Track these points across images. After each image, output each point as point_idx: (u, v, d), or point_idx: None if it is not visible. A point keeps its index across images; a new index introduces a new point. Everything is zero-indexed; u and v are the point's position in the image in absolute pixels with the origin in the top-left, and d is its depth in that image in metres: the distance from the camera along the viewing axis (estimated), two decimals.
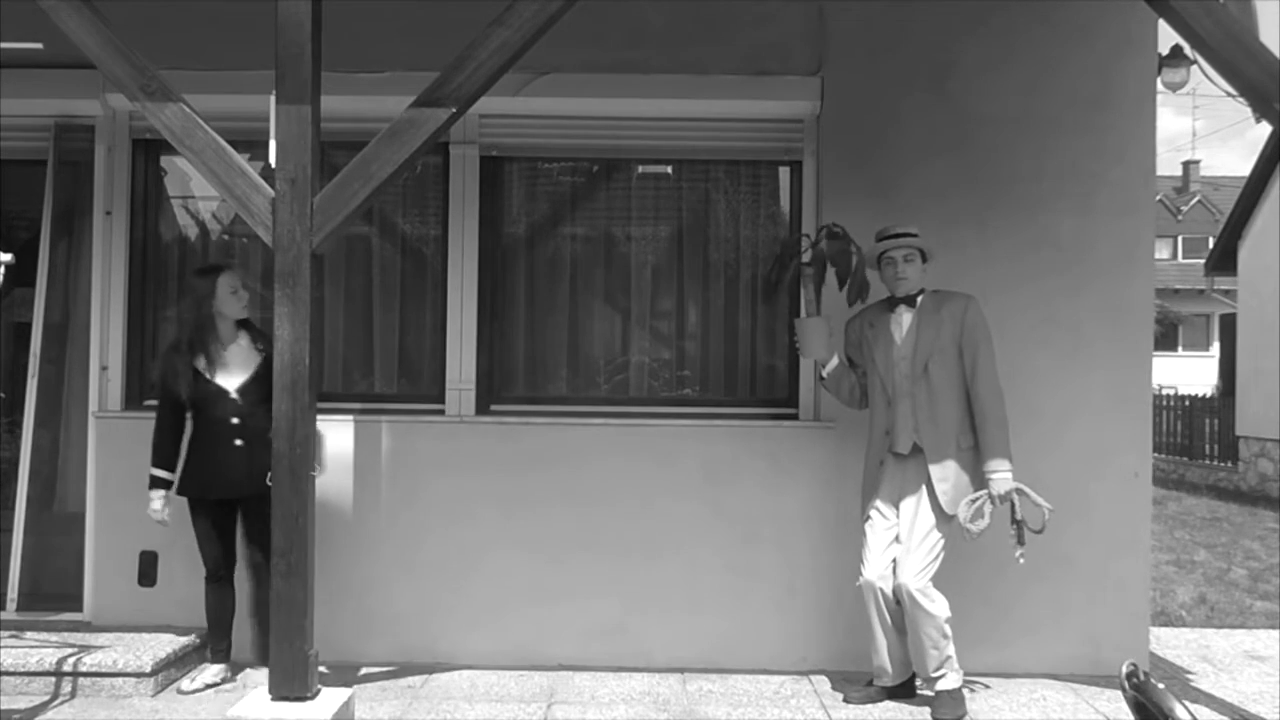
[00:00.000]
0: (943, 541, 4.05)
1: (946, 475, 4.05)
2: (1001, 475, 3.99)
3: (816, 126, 4.88)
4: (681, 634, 4.45)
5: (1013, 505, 4.02)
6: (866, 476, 4.26)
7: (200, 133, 3.51)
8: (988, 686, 4.49)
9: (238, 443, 4.25)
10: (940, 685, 4.08)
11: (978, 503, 4.02)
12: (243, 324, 4.40)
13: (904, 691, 4.26)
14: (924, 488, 4.07)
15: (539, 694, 4.36)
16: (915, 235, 4.16)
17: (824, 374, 4.33)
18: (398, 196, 5.13)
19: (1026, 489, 4.01)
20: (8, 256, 3.76)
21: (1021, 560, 4.01)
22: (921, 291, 4.18)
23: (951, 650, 4.06)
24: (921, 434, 4.08)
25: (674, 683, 4.35)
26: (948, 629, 4.03)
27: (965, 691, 4.16)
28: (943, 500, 4.03)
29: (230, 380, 4.29)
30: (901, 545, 4.09)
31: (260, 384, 4.19)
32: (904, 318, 4.17)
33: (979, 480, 4.07)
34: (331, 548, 4.33)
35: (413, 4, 4.70)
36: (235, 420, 4.26)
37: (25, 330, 4.97)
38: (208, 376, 4.27)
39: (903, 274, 4.13)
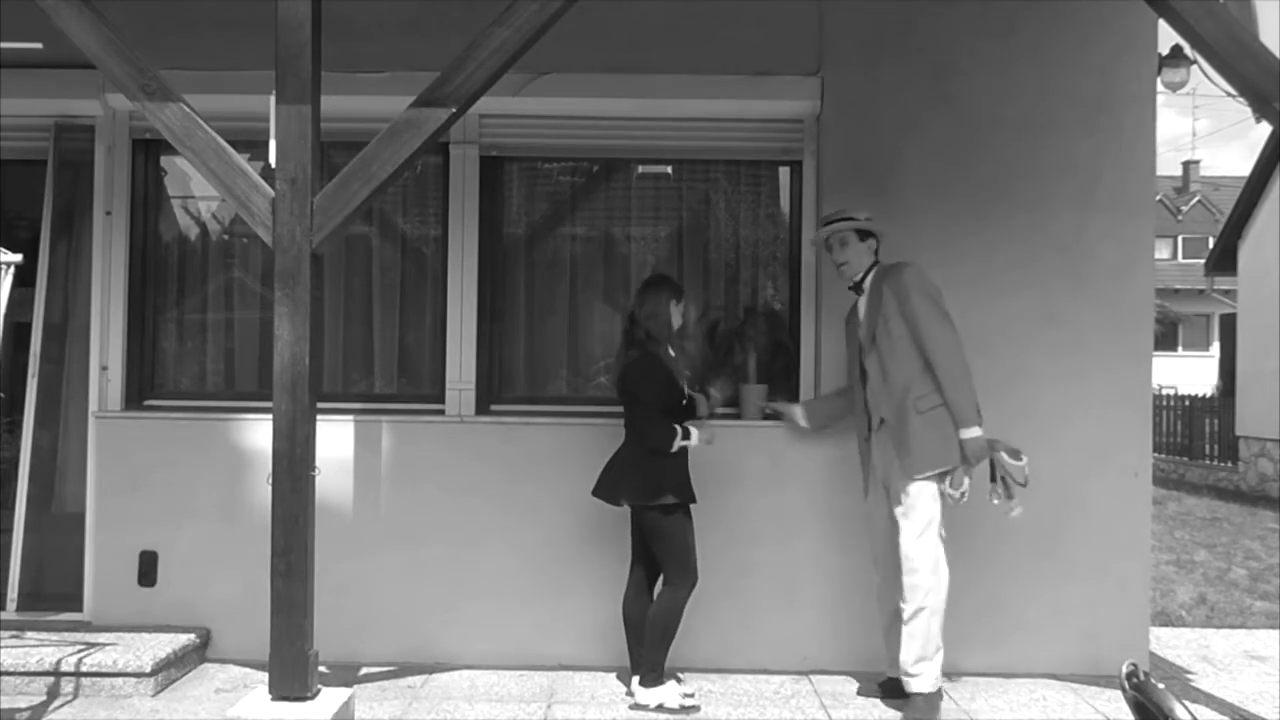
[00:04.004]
0: (933, 505, 4.00)
1: (906, 440, 4.01)
2: (971, 438, 3.94)
3: (816, 126, 4.88)
4: (682, 633, 4.44)
5: (991, 463, 3.97)
6: (860, 454, 4.37)
7: (200, 133, 3.51)
8: (953, 682, 4.49)
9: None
10: (915, 686, 4.01)
11: (952, 470, 3.98)
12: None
13: (898, 692, 4.17)
14: (895, 456, 4.08)
15: (539, 694, 4.36)
16: (848, 219, 4.20)
17: (803, 424, 4.51)
18: (398, 196, 5.13)
19: (998, 441, 3.97)
20: (16, 257, 3.76)
21: (1016, 513, 3.97)
22: (874, 268, 4.20)
23: (936, 645, 4.01)
24: (878, 404, 4.12)
25: (674, 683, 4.35)
26: (937, 603, 3.98)
27: (947, 700, 4.13)
28: (904, 466, 4.01)
29: (685, 388, 4.33)
30: (889, 520, 4.14)
31: None
32: (861, 301, 4.23)
33: (947, 440, 3.97)
34: (331, 548, 4.33)
35: (413, 4, 4.70)
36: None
37: (25, 330, 4.96)
38: (679, 384, 4.28)
39: (839, 259, 4.22)
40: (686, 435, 4.18)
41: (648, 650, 4.15)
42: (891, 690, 4.21)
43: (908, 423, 4.01)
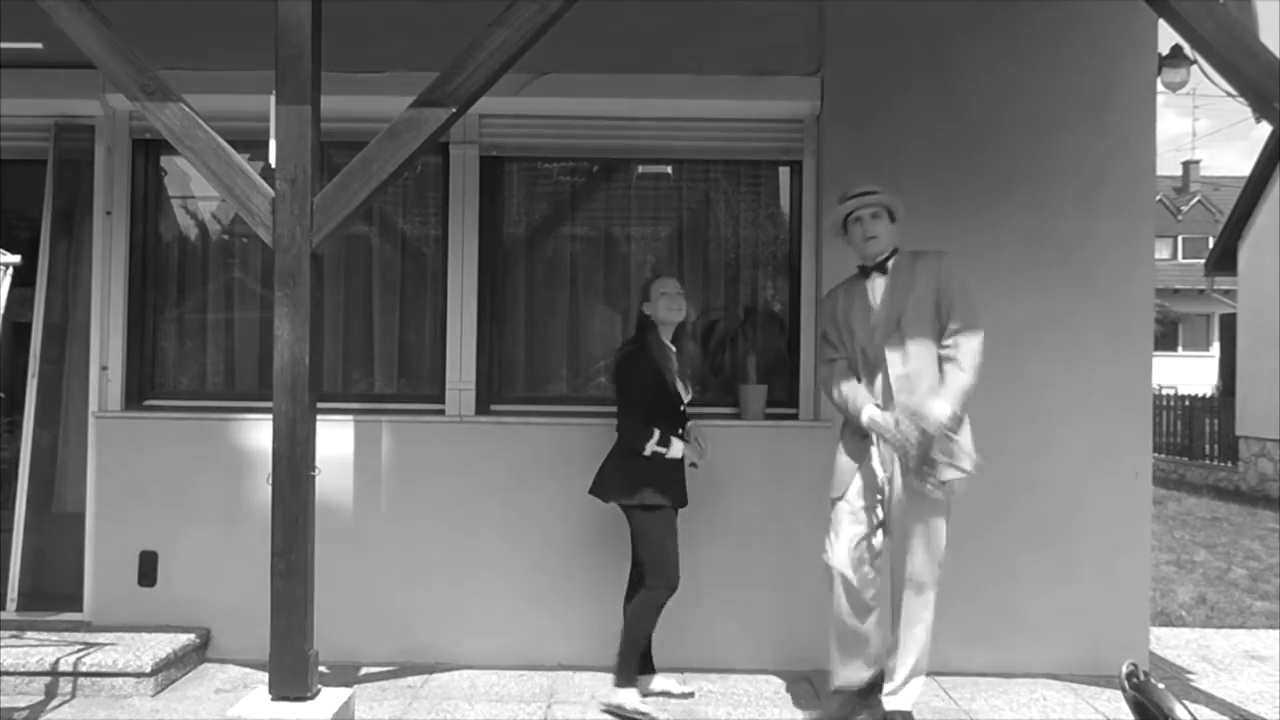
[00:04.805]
0: (945, 523, 3.78)
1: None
2: (943, 413, 3.59)
3: (816, 126, 4.88)
4: (682, 633, 4.45)
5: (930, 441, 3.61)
6: (845, 452, 3.93)
7: (200, 133, 3.51)
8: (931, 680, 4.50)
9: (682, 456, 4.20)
10: (900, 703, 3.79)
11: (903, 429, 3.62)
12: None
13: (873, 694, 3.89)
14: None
15: (539, 694, 4.36)
16: (879, 192, 3.90)
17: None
18: (398, 196, 5.13)
19: (957, 439, 3.65)
20: (15, 257, 3.76)
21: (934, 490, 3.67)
22: (894, 254, 3.90)
23: (926, 660, 3.84)
24: (900, 394, 3.74)
25: (674, 682, 4.35)
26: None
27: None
28: (958, 469, 3.69)
29: (683, 392, 4.21)
30: (897, 531, 3.80)
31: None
32: (878, 283, 3.89)
33: (962, 446, 3.71)
34: (331, 548, 4.33)
35: (413, 4, 4.70)
36: (681, 432, 4.19)
37: (25, 330, 4.97)
38: (670, 383, 4.15)
39: (871, 231, 3.84)
40: (665, 443, 4.09)
41: (619, 651, 4.12)
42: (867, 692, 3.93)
43: None
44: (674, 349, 4.25)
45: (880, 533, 3.89)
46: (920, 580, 3.80)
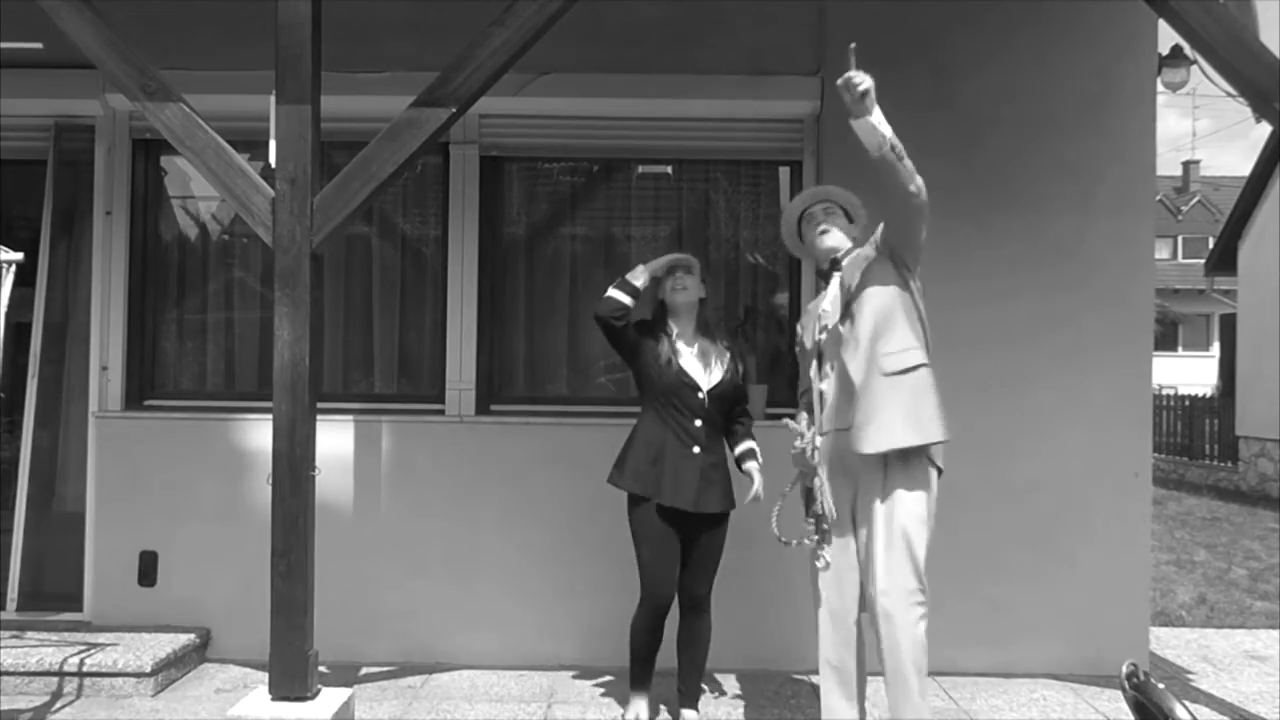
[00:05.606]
0: (927, 525, 3.22)
1: (871, 410, 3.19)
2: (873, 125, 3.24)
3: (816, 126, 4.88)
4: None
5: (810, 495, 3.43)
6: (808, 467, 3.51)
7: (200, 133, 3.51)
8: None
9: (696, 450, 3.86)
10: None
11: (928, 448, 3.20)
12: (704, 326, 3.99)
13: None
14: (878, 459, 3.21)
15: (539, 694, 4.36)
16: (831, 188, 3.67)
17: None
18: (398, 196, 5.13)
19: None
20: (17, 255, 3.76)
21: (823, 565, 3.40)
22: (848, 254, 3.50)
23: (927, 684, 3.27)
24: (851, 372, 3.26)
25: (674, 683, 4.34)
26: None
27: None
28: (863, 439, 3.18)
29: (700, 376, 3.88)
30: (874, 541, 3.25)
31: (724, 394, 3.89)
32: (833, 284, 3.49)
33: (930, 412, 3.20)
34: (331, 548, 4.33)
35: (413, 4, 4.70)
36: (699, 424, 3.86)
37: (25, 330, 4.97)
38: (673, 359, 3.83)
39: (824, 226, 3.51)
40: (631, 289, 3.78)
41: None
42: None
43: (872, 388, 3.19)
44: (679, 332, 3.91)
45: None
46: (917, 571, 3.20)
